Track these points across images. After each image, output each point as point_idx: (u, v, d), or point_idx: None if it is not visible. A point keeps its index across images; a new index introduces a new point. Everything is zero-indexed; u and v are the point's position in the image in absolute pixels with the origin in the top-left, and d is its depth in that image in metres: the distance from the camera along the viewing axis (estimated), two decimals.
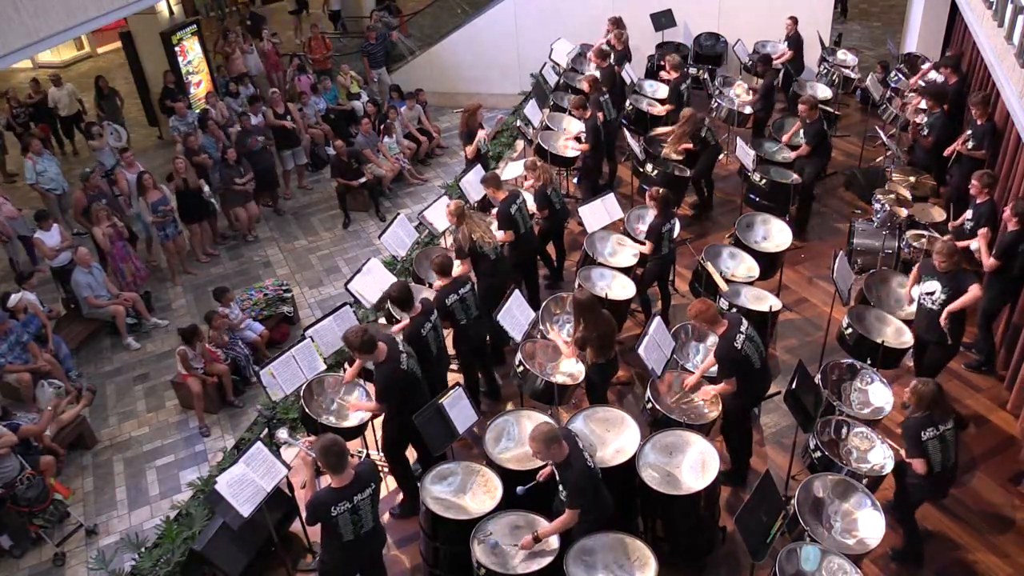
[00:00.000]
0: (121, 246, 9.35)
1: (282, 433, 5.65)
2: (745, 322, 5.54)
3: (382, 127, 12.14)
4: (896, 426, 6.11)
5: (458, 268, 6.81)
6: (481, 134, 9.27)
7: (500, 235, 7.24)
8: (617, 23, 11.48)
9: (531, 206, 7.92)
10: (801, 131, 8.82)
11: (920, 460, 4.89)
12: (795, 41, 11.38)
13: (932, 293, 6.00)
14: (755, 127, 10.17)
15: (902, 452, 5.10)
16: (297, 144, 11.93)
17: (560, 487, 4.70)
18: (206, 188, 10.13)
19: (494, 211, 7.47)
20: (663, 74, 10.78)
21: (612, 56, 10.61)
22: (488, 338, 6.90)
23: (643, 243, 7.26)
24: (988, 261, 6.30)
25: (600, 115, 9.08)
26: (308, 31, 14.71)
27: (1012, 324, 6.76)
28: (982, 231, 6.54)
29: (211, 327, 8.12)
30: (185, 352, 7.74)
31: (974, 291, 5.85)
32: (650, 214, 7.32)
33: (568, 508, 4.64)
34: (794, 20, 11.34)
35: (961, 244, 7.03)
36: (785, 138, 9.20)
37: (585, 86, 9.52)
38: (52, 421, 7.27)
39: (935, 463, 4.92)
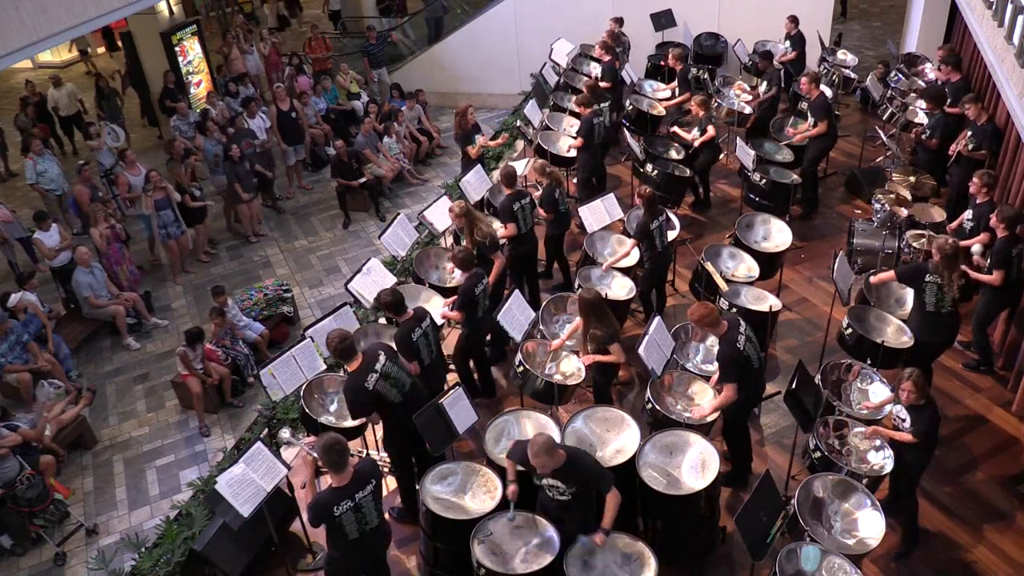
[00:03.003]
0: (117, 248, 9.33)
1: (284, 433, 5.66)
2: (743, 323, 5.55)
3: (383, 126, 12.14)
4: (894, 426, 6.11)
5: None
6: (480, 139, 9.28)
7: (502, 230, 7.30)
8: (618, 22, 11.53)
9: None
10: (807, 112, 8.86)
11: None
12: (798, 40, 11.37)
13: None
14: (757, 128, 10.17)
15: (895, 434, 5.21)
16: (302, 140, 11.94)
17: (565, 488, 4.68)
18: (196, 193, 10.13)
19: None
20: (670, 60, 10.76)
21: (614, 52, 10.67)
22: (488, 336, 6.97)
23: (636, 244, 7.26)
24: (993, 277, 6.28)
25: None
26: (308, 32, 14.71)
27: (1013, 327, 6.76)
28: (977, 252, 6.52)
29: (212, 323, 8.13)
30: (185, 352, 7.74)
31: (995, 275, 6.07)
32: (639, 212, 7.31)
33: (608, 494, 4.67)
34: (793, 20, 11.32)
35: (961, 244, 7.04)
36: (798, 137, 9.10)
37: (585, 88, 9.55)
38: (47, 422, 7.27)
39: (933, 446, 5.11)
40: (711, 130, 8.88)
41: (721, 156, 10.42)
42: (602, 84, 10.22)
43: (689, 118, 9.49)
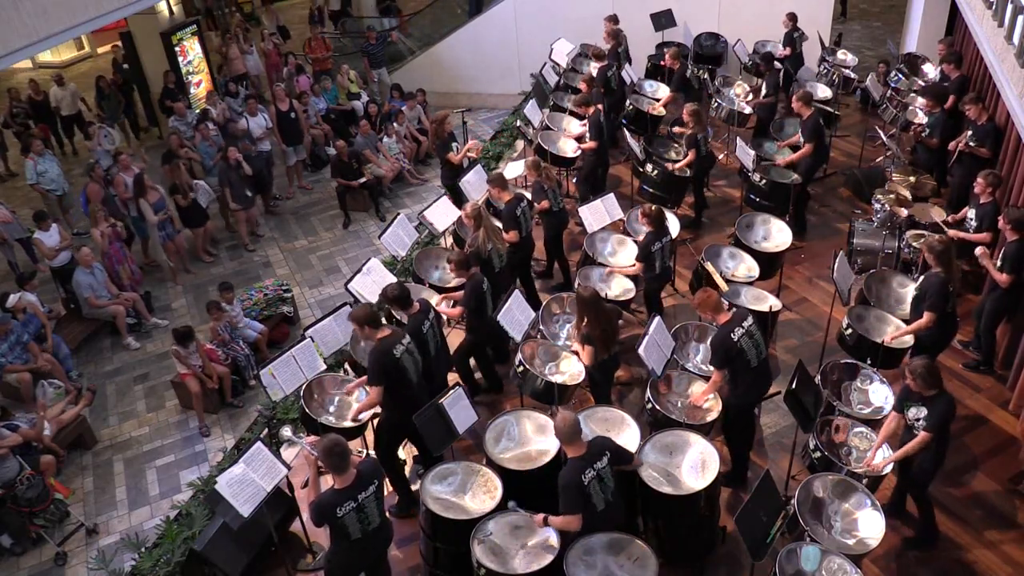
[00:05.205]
0: (118, 247, 9.33)
1: (286, 431, 5.66)
2: (750, 319, 5.56)
3: (383, 128, 12.15)
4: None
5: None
6: (472, 143, 9.31)
7: (505, 236, 7.30)
8: (611, 20, 11.51)
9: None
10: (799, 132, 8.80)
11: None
12: (789, 39, 11.37)
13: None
14: (757, 128, 10.18)
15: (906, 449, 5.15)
16: (301, 140, 11.95)
17: None
18: (199, 192, 10.09)
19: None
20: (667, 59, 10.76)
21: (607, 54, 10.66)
22: None
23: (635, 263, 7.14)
24: (1001, 278, 6.29)
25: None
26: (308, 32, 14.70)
27: (1013, 325, 6.76)
28: (982, 250, 6.53)
29: (212, 317, 8.12)
30: (178, 351, 7.73)
31: (924, 319, 5.96)
32: (644, 229, 7.11)
33: (561, 511, 4.65)
34: (791, 17, 11.31)
35: (958, 234, 7.05)
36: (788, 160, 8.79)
37: (582, 86, 9.56)
38: (46, 421, 7.26)
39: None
40: (691, 155, 8.63)
41: (721, 157, 10.45)
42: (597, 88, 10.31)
43: (681, 128, 9.33)
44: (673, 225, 7.86)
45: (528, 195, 7.92)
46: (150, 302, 9.66)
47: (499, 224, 7.41)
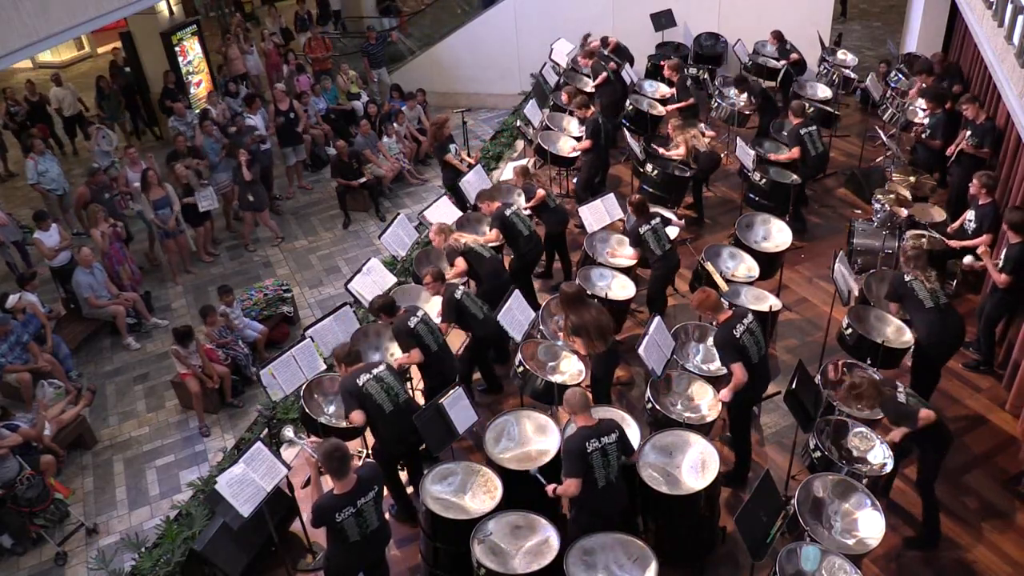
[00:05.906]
0: (118, 247, 9.33)
1: (287, 431, 5.66)
2: (750, 316, 5.58)
3: (383, 128, 12.15)
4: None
5: (450, 271, 6.94)
6: (453, 147, 9.37)
7: (491, 234, 7.41)
8: (601, 42, 11.57)
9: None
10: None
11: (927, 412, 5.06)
12: (783, 51, 11.43)
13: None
14: (758, 130, 10.19)
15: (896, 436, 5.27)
16: (301, 141, 11.95)
17: None
18: (200, 195, 10.08)
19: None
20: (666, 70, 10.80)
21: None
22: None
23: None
24: (1000, 278, 6.29)
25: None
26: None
27: (1012, 325, 6.76)
28: (984, 249, 6.54)
29: (206, 323, 8.11)
30: (178, 350, 7.73)
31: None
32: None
33: (563, 476, 4.73)
34: (776, 35, 11.43)
35: (959, 243, 7.05)
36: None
37: (564, 97, 9.63)
38: (46, 421, 7.26)
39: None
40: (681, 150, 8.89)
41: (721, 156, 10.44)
42: (594, 86, 10.31)
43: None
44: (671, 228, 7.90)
45: (520, 201, 7.98)
46: (150, 302, 9.66)
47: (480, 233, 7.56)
